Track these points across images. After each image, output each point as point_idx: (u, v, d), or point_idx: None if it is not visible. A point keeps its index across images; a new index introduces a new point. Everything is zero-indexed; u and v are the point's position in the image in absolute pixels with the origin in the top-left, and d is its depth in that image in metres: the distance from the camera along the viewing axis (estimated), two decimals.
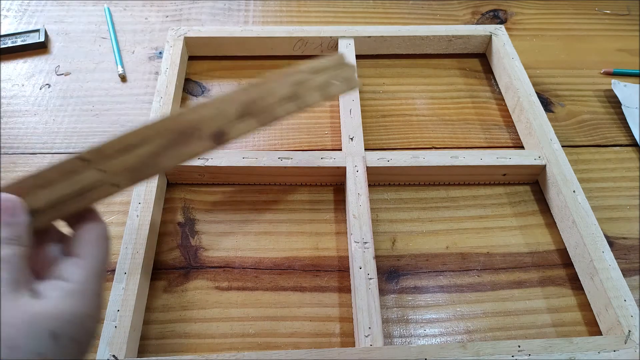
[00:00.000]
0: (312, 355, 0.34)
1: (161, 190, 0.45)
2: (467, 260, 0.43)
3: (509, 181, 0.48)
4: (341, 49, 0.55)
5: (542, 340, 0.35)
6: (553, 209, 0.45)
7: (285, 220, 0.44)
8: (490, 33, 0.57)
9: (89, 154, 0.28)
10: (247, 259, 0.42)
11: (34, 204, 0.26)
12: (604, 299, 0.38)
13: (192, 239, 0.43)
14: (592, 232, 0.41)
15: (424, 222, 0.45)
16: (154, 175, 0.33)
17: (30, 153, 0.48)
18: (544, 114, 0.49)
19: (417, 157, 0.45)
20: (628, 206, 0.47)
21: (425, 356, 0.34)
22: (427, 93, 0.56)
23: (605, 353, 0.34)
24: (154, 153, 0.28)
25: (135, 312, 0.36)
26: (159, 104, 0.48)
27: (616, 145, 0.52)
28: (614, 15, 0.67)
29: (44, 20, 0.62)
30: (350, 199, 0.42)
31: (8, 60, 0.57)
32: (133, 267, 0.37)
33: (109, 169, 0.28)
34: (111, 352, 0.34)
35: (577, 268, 0.42)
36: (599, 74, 0.59)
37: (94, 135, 0.50)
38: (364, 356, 0.34)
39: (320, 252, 0.43)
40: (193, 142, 0.29)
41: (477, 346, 0.34)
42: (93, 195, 0.27)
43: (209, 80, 0.56)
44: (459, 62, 0.59)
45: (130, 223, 0.40)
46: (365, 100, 0.54)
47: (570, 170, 0.45)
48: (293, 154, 0.45)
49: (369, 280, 0.37)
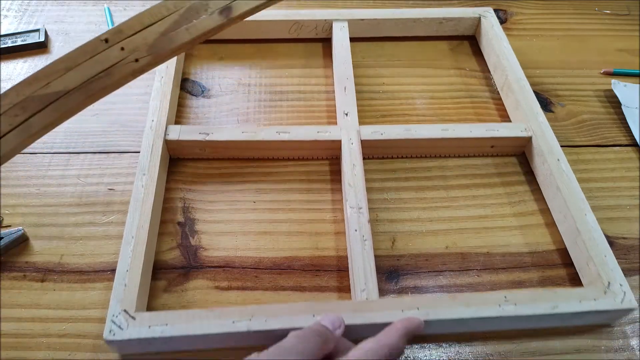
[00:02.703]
0: (313, 307, 0.36)
1: (164, 164, 0.46)
2: (467, 260, 0.43)
3: (497, 153, 0.50)
4: (335, 31, 0.57)
5: (527, 291, 0.38)
6: (539, 177, 0.48)
7: (285, 220, 0.44)
8: (479, 15, 0.60)
9: (108, 34, 0.31)
10: (247, 258, 0.42)
11: (69, 85, 0.31)
12: (585, 256, 0.40)
13: (192, 239, 0.43)
14: (575, 196, 0.43)
15: (423, 222, 0.45)
16: (173, 53, 0.35)
17: (30, 153, 0.48)
18: (530, 90, 0.51)
19: (409, 130, 0.48)
20: (628, 206, 0.47)
21: (417, 306, 0.36)
22: (427, 93, 0.56)
23: (586, 302, 0.37)
24: (168, 29, 0.32)
25: (143, 272, 0.38)
26: (159, 82, 0.50)
27: (616, 145, 0.52)
28: (614, 15, 0.67)
29: (44, 20, 0.62)
30: (345, 169, 0.44)
31: (8, 60, 0.57)
32: (140, 232, 0.39)
33: (127, 47, 0.32)
34: (122, 307, 0.35)
35: (560, 230, 0.44)
36: (599, 74, 0.59)
37: (94, 135, 0.50)
38: (360, 307, 0.36)
39: (320, 252, 0.43)
40: (203, 17, 0.33)
41: (467, 297, 0.37)
42: (116, 73, 0.31)
43: (209, 71, 0.56)
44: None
45: (136, 193, 0.42)
46: (365, 100, 0.54)
47: (555, 140, 0.47)
48: (290, 128, 0.47)
49: (364, 242, 0.39)
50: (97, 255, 0.41)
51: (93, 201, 0.45)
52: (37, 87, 0.31)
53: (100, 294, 0.39)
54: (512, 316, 0.36)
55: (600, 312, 0.37)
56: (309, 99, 0.55)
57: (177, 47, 0.33)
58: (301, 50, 0.60)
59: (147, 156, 0.44)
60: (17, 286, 0.39)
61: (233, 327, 0.34)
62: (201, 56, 0.58)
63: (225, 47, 0.60)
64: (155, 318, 0.35)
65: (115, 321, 0.35)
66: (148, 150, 0.45)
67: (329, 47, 0.60)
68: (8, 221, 0.43)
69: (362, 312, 0.35)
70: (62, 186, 0.46)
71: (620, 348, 0.38)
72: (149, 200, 0.41)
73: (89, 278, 0.40)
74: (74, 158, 0.48)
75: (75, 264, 0.41)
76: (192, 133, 0.46)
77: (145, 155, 0.44)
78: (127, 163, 0.48)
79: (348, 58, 0.54)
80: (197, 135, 0.46)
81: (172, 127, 0.47)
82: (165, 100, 0.49)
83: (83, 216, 0.44)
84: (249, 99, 0.54)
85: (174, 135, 0.46)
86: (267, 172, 0.48)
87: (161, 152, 0.45)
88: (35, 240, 0.42)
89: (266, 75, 0.57)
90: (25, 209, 0.44)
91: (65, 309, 0.38)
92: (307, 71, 0.57)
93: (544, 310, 0.36)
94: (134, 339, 0.34)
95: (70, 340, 0.37)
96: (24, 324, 0.37)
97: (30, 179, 0.46)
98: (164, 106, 0.48)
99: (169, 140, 0.46)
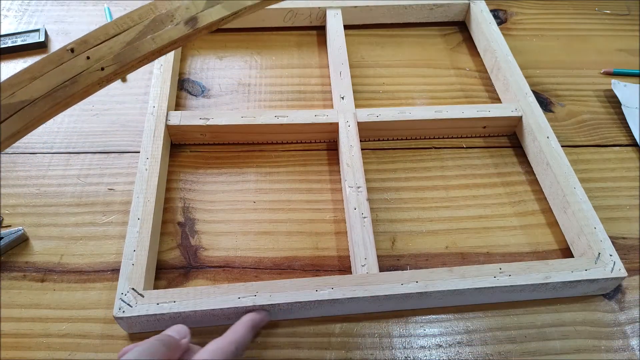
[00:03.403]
0: (315, 282, 0.37)
1: (166, 149, 0.47)
2: (467, 260, 0.43)
3: (488, 133, 0.52)
4: (329, 18, 0.59)
5: (521, 263, 0.39)
6: (529, 155, 0.49)
7: (285, 220, 0.44)
8: (468, 1, 0.62)
9: (74, 44, 0.32)
10: (247, 258, 0.42)
11: (34, 94, 0.31)
12: (576, 229, 0.42)
13: (192, 239, 0.43)
14: (564, 172, 0.44)
15: (423, 222, 0.45)
16: (140, 62, 0.36)
17: (30, 153, 0.48)
18: (519, 72, 0.53)
19: (404, 112, 0.49)
20: (628, 206, 0.47)
21: (416, 279, 0.37)
22: (427, 93, 0.56)
23: (577, 272, 0.38)
24: (134, 39, 0.33)
25: (150, 252, 0.39)
26: (159, 70, 0.51)
27: (616, 145, 0.52)
28: (614, 15, 0.67)
29: (44, 20, 0.62)
30: (343, 149, 0.46)
31: (8, 60, 0.57)
32: (145, 214, 0.40)
33: (93, 56, 0.32)
34: (130, 285, 0.36)
35: (551, 204, 0.46)
36: (599, 74, 0.59)
37: (94, 135, 0.50)
38: (361, 281, 0.37)
39: (320, 252, 0.43)
40: (169, 27, 0.33)
41: (463, 270, 0.38)
42: (82, 81, 0.32)
43: (209, 71, 0.56)
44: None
45: (140, 176, 0.43)
46: (365, 100, 0.54)
47: (544, 119, 0.49)
48: (288, 112, 0.48)
49: (363, 219, 0.41)
50: (97, 255, 0.41)
51: (93, 201, 0.45)
52: (3, 97, 0.31)
53: (100, 294, 0.39)
54: (507, 286, 0.37)
55: (591, 282, 0.38)
56: (309, 99, 0.55)
57: (143, 56, 0.34)
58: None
59: (150, 140, 0.45)
60: (17, 286, 0.39)
61: (239, 302, 0.36)
62: (201, 53, 0.58)
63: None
64: (163, 295, 0.36)
65: (124, 299, 0.36)
66: (150, 134, 0.46)
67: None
68: (8, 221, 0.43)
69: (363, 286, 0.37)
70: (62, 186, 0.46)
71: (620, 348, 0.38)
72: (154, 180, 0.43)
73: (89, 278, 0.40)
74: (74, 158, 0.48)
75: (75, 264, 0.41)
76: (192, 118, 0.48)
77: (147, 140, 0.45)
78: (127, 163, 0.48)
79: (342, 44, 0.55)
80: (197, 120, 0.47)
81: (172, 112, 0.48)
82: (165, 86, 0.50)
83: (83, 216, 0.44)
84: (249, 99, 0.54)
85: (175, 121, 0.47)
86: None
87: (163, 136, 0.46)
88: (35, 240, 0.42)
89: (266, 75, 0.57)
90: (25, 209, 0.44)
91: (65, 309, 0.38)
92: (307, 71, 0.57)
93: (537, 280, 0.38)
94: (143, 315, 0.35)
95: (70, 340, 0.37)
96: (24, 324, 0.37)
97: (30, 179, 0.46)
98: (164, 92, 0.49)
99: (170, 125, 0.47)
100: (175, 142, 0.49)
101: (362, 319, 0.39)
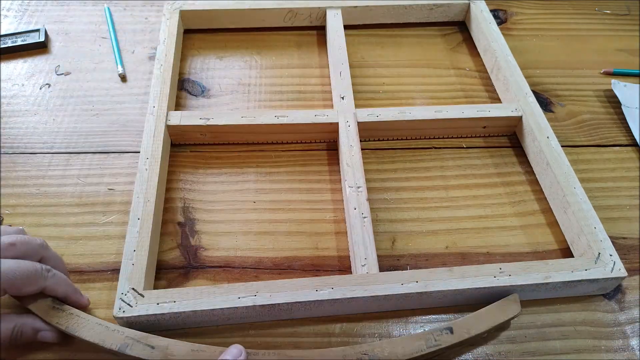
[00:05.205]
0: (315, 282, 0.37)
1: (167, 149, 0.47)
2: (467, 260, 0.43)
3: (488, 133, 0.51)
4: (329, 18, 0.59)
5: (521, 263, 0.39)
6: (529, 155, 0.49)
7: (285, 220, 0.44)
8: (468, 1, 0.61)
9: None
10: (247, 258, 0.42)
11: None
12: (576, 229, 0.42)
13: (192, 239, 0.43)
14: (564, 172, 0.44)
15: (423, 222, 0.45)
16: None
17: (30, 153, 0.48)
18: (519, 72, 0.53)
19: (404, 112, 0.49)
20: (628, 206, 0.47)
21: (416, 279, 0.37)
22: (427, 93, 0.56)
23: (577, 272, 0.38)
24: None
25: (150, 252, 0.39)
26: (159, 70, 0.51)
27: (616, 145, 0.52)
28: (614, 15, 0.67)
29: (44, 20, 0.62)
30: (343, 149, 0.46)
31: (8, 60, 0.57)
32: (145, 214, 0.40)
33: None
34: (130, 285, 0.36)
35: (551, 204, 0.46)
36: (599, 74, 0.59)
37: (94, 135, 0.50)
38: (361, 281, 0.37)
39: (320, 252, 0.43)
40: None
41: (463, 270, 0.38)
42: None
43: (209, 71, 0.56)
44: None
45: (140, 176, 0.43)
46: (365, 100, 0.54)
47: (544, 119, 0.48)
48: (288, 112, 0.48)
49: (363, 219, 0.41)
50: (97, 255, 0.41)
51: (93, 201, 0.45)
52: None
53: (100, 294, 0.39)
54: (506, 286, 0.37)
55: (591, 282, 0.38)
56: (309, 99, 0.55)
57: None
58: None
59: (150, 140, 0.45)
60: None
61: (239, 302, 0.36)
62: (201, 53, 0.58)
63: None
64: (163, 295, 0.36)
65: (124, 299, 0.36)
66: (150, 134, 0.46)
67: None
68: (8, 221, 0.43)
69: (363, 286, 0.37)
70: (62, 186, 0.46)
71: (620, 348, 0.38)
72: (154, 180, 0.43)
73: (89, 278, 0.40)
74: (74, 158, 0.48)
75: (75, 264, 0.41)
76: (192, 118, 0.48)
77: (147, 140, 0.45)
78: (127, 163, 0.48)
79: (342, 44, 0.55)
80: (197, 120, 0.47)
81: (172, 112, 0.48)
82: (166, 87, 0.50)
83: (83, 216, 0.44)
84: (249, 99, 0.54)
85: (175, 121, 0.47)
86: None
87: (163, 136, 0.46)
88: None
89: (266, 75, 0.57)
90: (25, 209, 0.44)
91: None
92: (307, 71, 0.57)
93: (537, 280, 0.38)
94: (143, 315, 0.35)
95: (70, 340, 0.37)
96: None
97: (30, 179, 0.46)
98: (164, 92, 0.49)
99: (170, 125, 0.47)
100: (175, 142, 0.49)
101: (362, 319, 0.39)
